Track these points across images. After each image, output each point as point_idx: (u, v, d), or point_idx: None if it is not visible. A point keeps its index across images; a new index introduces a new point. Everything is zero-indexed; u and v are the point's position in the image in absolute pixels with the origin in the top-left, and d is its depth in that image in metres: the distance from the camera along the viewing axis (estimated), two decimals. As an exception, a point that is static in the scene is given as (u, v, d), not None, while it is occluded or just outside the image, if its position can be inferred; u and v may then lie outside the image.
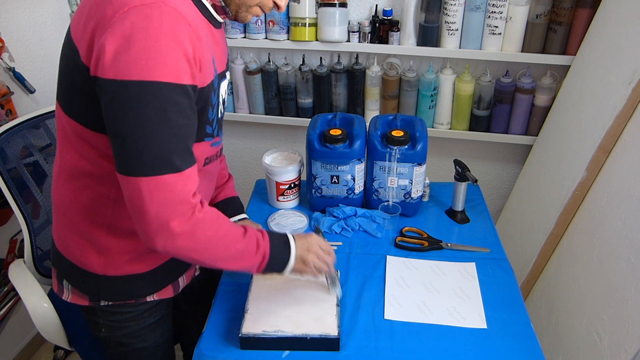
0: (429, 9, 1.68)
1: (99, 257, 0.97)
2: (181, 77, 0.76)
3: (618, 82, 1.37)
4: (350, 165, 1.35)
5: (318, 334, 0.99)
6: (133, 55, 0.72)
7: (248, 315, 1.04)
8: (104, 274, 0.98)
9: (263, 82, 1.95)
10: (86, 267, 0.98)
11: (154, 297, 1.06)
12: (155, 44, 0.73)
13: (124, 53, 0.72)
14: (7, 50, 1.61)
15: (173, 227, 0.80)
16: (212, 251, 0.88)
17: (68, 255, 1.00)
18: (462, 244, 1.31)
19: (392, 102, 1.88)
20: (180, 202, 0.80)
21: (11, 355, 1.87)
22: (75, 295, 1.04)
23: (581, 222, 1.46)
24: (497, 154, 2.00)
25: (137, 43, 0.72)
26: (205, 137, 0.95)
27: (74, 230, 0.97)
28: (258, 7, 0.92)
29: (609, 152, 1.39)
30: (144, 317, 1.08)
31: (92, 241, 0.96)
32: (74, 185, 0.93)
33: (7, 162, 1.29)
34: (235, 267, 0.93)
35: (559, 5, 1.59)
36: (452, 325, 1.07)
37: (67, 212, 0.96)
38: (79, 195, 0.93)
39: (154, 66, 0.73)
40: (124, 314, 1.05)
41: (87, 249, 0.97)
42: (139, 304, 1.05)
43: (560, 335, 1.41)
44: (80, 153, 0.89)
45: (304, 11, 1.75)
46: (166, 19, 0.74)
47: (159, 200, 0.78)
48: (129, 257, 0.98)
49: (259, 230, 0.96)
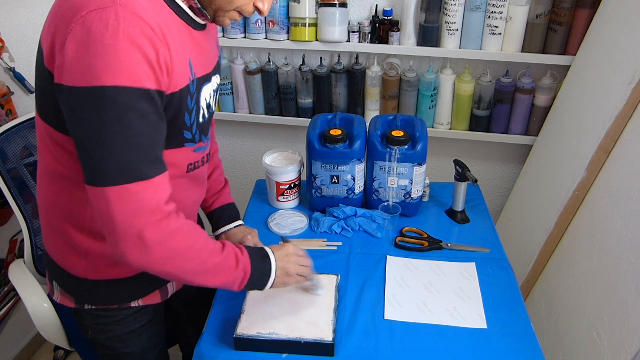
0: (429, 9, 1.68)
1: (79, 260, 0.96)
2: (142, 82, 0.73)
3: (618, 82, 1.37)
4: (350, 165, 1.35)
5: (312, 339, 0.99)
6: (90, 60, 0.70)
7: (244, 316, 1.04)
8: (85, 277, 0.97)
9: (263, 82, 1.95)
10: (69, 269, 0.98)
11: (139, 303, 1.04)
12: (111, 49, 0.70)
13: (80, 59, 0.70)
14: (7, 50, 1.61)
15: (146, 238, 0.77)
16: (189, 264, 0.84)
17: (54, 256, 1.00)
18: (462, 244, 1.31)
19: (392, 102, 1.88)
20: (151, 211, 0.77)
21: (11, 355, 1.87)
22: (64, 297, 1.04)
23: (581, 222, 1.46)
24: (497, 154, 2.00)
25: (93, 48, 0.70)
26: (185, 142, 0.91)
27: (56, 232, 0.96)
28: (236, 12, 0.88)
29: (609, 152, 1.39)
30: (128, 322, 1.06)
31: (73, 244, 0.94)
32: (53, 188, 0.92)
33: (7, 162, 1.29)
34: (214, 282, 0.89)
35: (559, 5, 1.59)
36: (452, 325, 1.07)
37: (49, 214, 0.95)
38: (58, 198, 0.92)
39: (111, 70, 0.70)
40: (108, 317, 1.04)
41: (68, 251, 0.96)
42: (123, 309, 1.04)
43: (560, 335, 1.41)
44: (55, 156, 0.88)
45: (304, 11, 1.75)
46: (123, 22, 0.71)
47: (128, 210, 0.75)
48: (110, 261, 0.96)
49: (237, 246, 0.93)
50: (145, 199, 0.76)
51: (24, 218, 1.32)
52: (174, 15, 0.82)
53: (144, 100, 0.74)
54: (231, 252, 0.90)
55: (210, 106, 0.97)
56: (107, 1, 0.71)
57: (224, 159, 2.27)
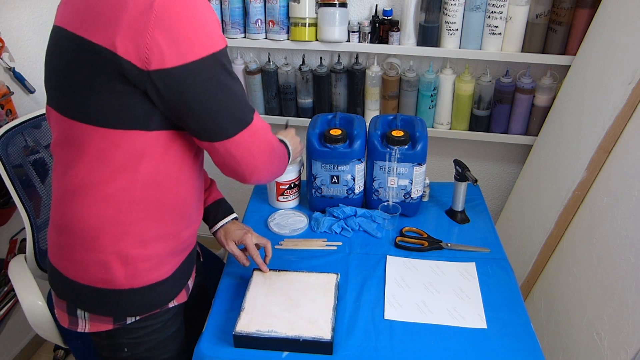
0: (429, 9, 1.68)
1: (125, 269, 0.92)
2: (225, 40, 0.85)
3: (618, 82, 1.37)
4: (350, 165, 1.35)
5: (311, 337, 0.99)
6: (190, 36, 0.77)
7: (243, 314, 1.04)
8: (130, 287, 0.94)
9: (263, 82, 1.95)
10: (110, 284, 0.93)
11: (175, 303, 1.04)
12: (202, 21, 0.79)
13: (181, 38, 0.77)
14: (7, 50, 1.61)
15: (274, 147, 0.98)
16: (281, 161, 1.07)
17: (85, 279, 0.94)
18: (462, 244, 1.31)
19: (392, 102, 1.88)
20: (268, 130, 0.96)
21: (11, 355, 1.87)
22: (95, 322, 0.98)
23: (581, 222, 1.46)
24: (497, 154, 2.00)
25: (187, 25, 0.77)
26: None
27: (95, 248, 0.91)
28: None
29: (609, 152, 1.39)
30: (166, 327, 1.05)
31: (119, 253, 0.91)
32: (90, 200, 0.88)
33: (8, 162, 1.29)
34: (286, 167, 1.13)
35: (559, 5, 1.59)
36: (452, 325, 1.07)
37: (86, 230, 0.90)
38: (98, 209, 0.88)
39: (210, 39, 0.80)
40: (148, 327, 1.02)
41: (112, 264, 0.92)
42: (161, 313, 1.02)
43: (560, 335, 1.41)
44: (99, 163, 0.85)
45: (304, 11, 1.75)
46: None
47: (260, 141, 0.92)
48: (151, 264, 0.95)
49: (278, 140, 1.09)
50: (262, 125, 0.94)
51: (28, 215, 1.32)
52: None
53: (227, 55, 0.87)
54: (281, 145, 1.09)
55: None
56: None
57: (224, 159, 2.29)
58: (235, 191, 2.35)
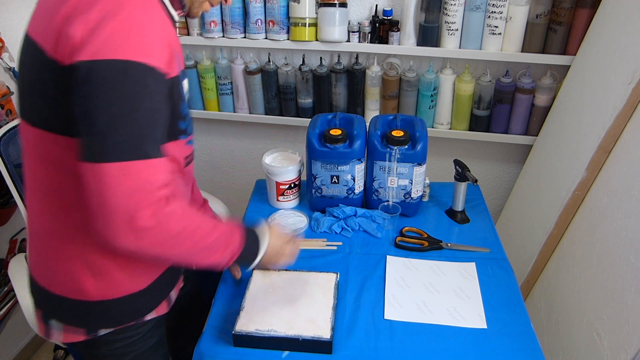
0: (429, 9, 1.68)
1: (95, 281, 0.90)
2: (158, 60, 0.74)
3: (618, 82, 1.37)
4: (350, 165, 1.35)
5: (311, 336, 0.99)
6: (108, 33, 0.70)
7: (243, 313, 1.04)
8: (101, 299, 0.92)
9: (263, 82, 1.95)
10: (80, 295, 0.91)
11: (153, 315, 1.01)
12: (136, 26, 0.71)
13: (98, 32, 0.70)
14: (7, 50, 1.61)
15: (140, 219, 0.74)
16: (180, 247, 0.82)
17: (56, 289, 0.92)
18: (462, 244, 1.31)
19: (392, 102, 1.88)
20: (148, 192, 0.74)
21: (11, 355, 1.87)
22: (69, 333, 0.95)
23: (581, 222, 1.46)
24: (497, 154, 2.00)
25: (111, 22, 0.70)
26: (180, 134, 0.90)
27: (62, 258, 0.89)
28: (207, 2, 0.93)
29: (609, 152, 1.39)
30: (146, 339, 1.02)
31: (87, 264, 0.89)
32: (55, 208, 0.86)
33: (9, 162, 1.30)
34: (204, 263, 0.89)
35: (559, 5, 1.59)
36: (452, 325, 1.07)
37: (53, 239, 0.88)
38: (65, 217, 0.86)
39: (131, 45, 0.71)
40: (127, 340, 0.99)
41: (80, 275, 0.89)
42: (139, 325, 1.00)
43: (560, 335, 1.41)
44: (58, 168, 0.82)
45: (304, 11, 1.75)
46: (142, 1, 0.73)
47: (125, 188, 0.72)
48: (124, 274, 0.92)
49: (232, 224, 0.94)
50: (143, 179, 0.74)
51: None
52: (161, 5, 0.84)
53: (159, 80, 0.74)
54: (225, 231, 0.91)
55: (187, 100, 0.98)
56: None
57: (224, 158, 2.30)
58: (235, 191, 2.35)
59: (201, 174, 2.34)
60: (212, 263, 0.90)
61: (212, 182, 2.35)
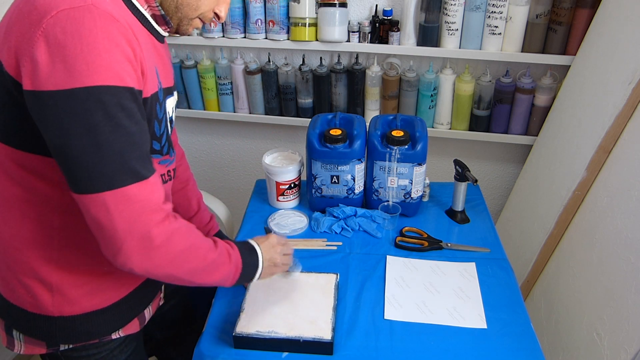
0: (429, 9, 1.68)
1: (51, 296, 0.87)
2: (125, 80, 0.71)
3: (618, 82, 1.37)
4: (350, 165, 1.35)
5: (311, 337, 0.99)
6: (69, 61, 0.67)
7: (243, 315, 1.04)
8: (59, 314, 0.88)
9: (263, 82, 1.95)
10: (38, 309, 0.88)
11: (120, 334, 0.96)
12: (91, 47, 0.67)
13: (58, 61, 0.67)
14: None
15: (152, 238, 0.75)
16: (190, 263, 0.83)
17: (15, 300, 0.89)
18: (462, 244, 1.31)
19: (392, 102, 1.88)
20: (153, 211, 0.75)
21: (11, 355, 1.87)
22: (29, 345, 0.93)
23: (581, 222, 1.46)
24: (497, 154, 2.00)
25: (71, 48, 0.67)
26: (153, 154, 0.86)
27: (18, 270, 0.86)
28: (198, 19, 0.88)
29: (609, 152, 1.39)
30: (113, 356, 0.97)
31: (41, 279, 0.86)
32: (10, 218, 0.83)
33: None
34: (211, 280, 0.88)
35: (559, 5, 1.59)
36: (452, 325, 1.07)
37: (9, 250, 0.86)
38: (18, 229, 0.83)
39: (93, 70, 0.67)
40: (91, 357, 0.95)
41: (36, 289, 0.86)
42: (104, 343, 0.95)
43: (560, 335, 1.41)
44: (12, 178, 0.80)
45: (304, 11, 1.75)
46: (99, 21, 0.68)
47: (129, 213, 0.72)
48: (85, 291, 0.89)
49: (226, 241, 0.92)
50: (145, 200, 0.74)
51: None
52: (138, 23, 0.81)
53: (129, 99, 0.72)
54: (223, 248, 0.90)
55: (172, 120, 0.96)
56: (79, 0, 0.69)
57: (224, 158, 2.30)
58: (235, 191, 2.35)
59: (201, 174, 2.34)
60: (219, 279, 0.90)
61: (212, 182, 2.35)
